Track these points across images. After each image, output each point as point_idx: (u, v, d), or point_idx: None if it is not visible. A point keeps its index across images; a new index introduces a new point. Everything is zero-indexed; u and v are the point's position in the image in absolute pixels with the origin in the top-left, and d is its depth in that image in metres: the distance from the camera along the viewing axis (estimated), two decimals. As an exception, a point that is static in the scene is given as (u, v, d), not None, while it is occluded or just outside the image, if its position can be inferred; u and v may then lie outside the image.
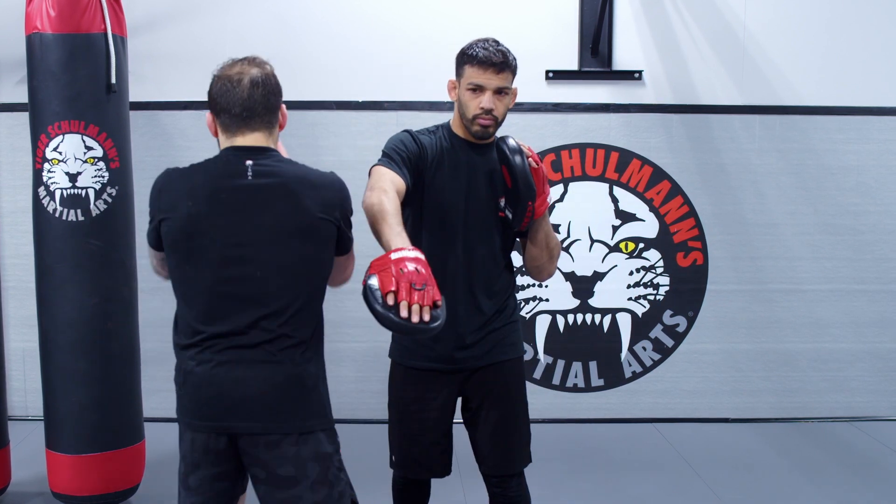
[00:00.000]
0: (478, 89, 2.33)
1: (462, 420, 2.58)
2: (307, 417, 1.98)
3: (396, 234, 2.00)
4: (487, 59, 2.30)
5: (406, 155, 2.31)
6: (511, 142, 2.32)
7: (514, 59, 2.37)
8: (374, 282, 1.85)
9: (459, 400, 2.55)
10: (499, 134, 2.42)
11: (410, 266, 1.84)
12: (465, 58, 2.35)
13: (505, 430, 2.49)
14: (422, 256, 1.90)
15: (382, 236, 2.04)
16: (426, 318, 1.79)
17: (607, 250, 4.45)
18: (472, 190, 2.40)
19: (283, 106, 2.08)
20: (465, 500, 3.45)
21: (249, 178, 1.96)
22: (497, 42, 2.35)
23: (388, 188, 2.16)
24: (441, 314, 1.84)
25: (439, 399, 2.47)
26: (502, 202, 2.42)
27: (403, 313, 1.78)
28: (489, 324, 2.45)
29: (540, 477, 3.73)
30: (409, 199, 2.32)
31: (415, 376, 2.47)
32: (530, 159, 2.31)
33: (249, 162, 1.98)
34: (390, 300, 1.80)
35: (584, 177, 4.42)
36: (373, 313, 1.84)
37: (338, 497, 2.02)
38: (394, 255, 1.88)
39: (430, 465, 2.52)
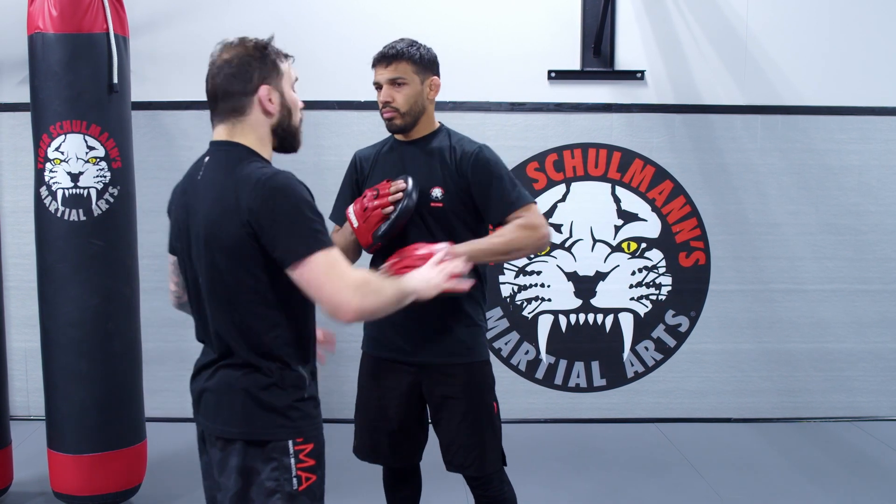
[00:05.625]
0: (378, 87, 2.45)
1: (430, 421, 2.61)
2: (228, 423, 1.84)
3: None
4: (379, 56, 2.44)
5: (347, 188, 2.61)
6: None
7: (418, 51, 2.43)
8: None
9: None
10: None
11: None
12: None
13: (467, 432, 2.49)
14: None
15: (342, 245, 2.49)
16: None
17: (609, 250, 4.45)
18: None
19: (264, 89, 1.83)
20: (467, 500, 3.45)
21: (199, 177, 1.86)
22: (402, 39, 2.45)
23: None
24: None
25: (397, 390, 2.52)
26: (435, 192, 2.44)
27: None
28: (443, 320, 2.45)
29: (542, 477, 3.74)
30: None
31: (376, 365, 2.57)
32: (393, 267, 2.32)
33: (207, 159, 1.87)
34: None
35: (587, 177, 4.42)
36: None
37: None
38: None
39: (384, 452, 2.57)
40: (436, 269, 2.04)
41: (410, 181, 2.39)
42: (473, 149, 2.46)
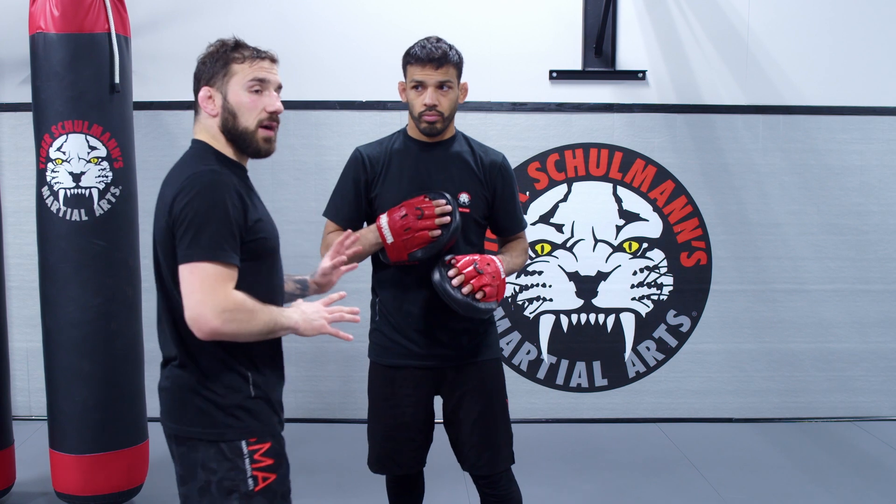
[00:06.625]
0: (420, 86, 2.39)
1: (442, 420, 2.59)
2: (182, 423, 1.90)
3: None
4: (427, 56, 2.36)
5: (351, 186, 2.50)
6: (436, 276, 2.33)
7: (458, 54, 2.42)
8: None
9: (440, 400, 2.57)
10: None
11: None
12: (408, 57, 2.42)
13: (482, 430, 2.50)
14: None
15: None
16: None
17: (611, 250, 4.45)
18: (420, 188, 2.43)
19: (203, 91, 1.90)
20: (469, 500, 3.45)
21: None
22: (439, 39, 2.41)
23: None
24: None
25: (414, 396, 2.50)
26: (463, 198, 2.44)
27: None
28: (461, 321, 2.45)
29: (543, 477, 3.74)
30: (367, 216, 2.50)
31: (389, 374, 2.52)
32: (460, 276, 2.32)
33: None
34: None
35: (588, 177, 4.42)
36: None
37: None
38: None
39: (403, 461, 2.55)
40: (322, 311, 1.93)
41: (452, 201, 2.36)
42: (499, 159, 2.52)
